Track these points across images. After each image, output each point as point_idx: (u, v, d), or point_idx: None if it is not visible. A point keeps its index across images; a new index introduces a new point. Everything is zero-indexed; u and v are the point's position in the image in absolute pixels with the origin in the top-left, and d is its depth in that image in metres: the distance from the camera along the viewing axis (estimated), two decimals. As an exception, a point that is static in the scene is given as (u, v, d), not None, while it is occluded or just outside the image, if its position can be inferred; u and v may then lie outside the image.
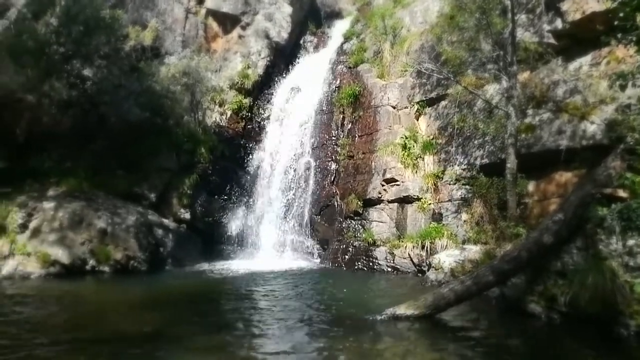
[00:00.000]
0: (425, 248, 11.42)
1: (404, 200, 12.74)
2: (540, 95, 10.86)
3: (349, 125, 15.23)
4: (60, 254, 10.72)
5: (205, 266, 12.99)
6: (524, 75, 11.30)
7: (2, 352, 5.03)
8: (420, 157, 13.18)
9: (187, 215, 14.37)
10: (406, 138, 13.42)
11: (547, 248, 6.74)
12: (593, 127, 9.67)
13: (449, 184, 12.25)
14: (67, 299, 8.33)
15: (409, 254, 11.70)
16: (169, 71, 15.99)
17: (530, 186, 10.79)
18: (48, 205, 11.44)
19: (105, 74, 13.92)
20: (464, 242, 11.08)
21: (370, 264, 12.35)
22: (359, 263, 12.59)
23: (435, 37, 13.54)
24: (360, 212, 13.45)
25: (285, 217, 15.19)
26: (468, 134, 12.32)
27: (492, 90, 11.88)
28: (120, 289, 9.72)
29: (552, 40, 11.08)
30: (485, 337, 6.22)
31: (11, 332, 5.88)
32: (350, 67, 16.80)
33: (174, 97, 15.37)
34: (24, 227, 10.95)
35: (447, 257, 9.99)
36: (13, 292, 8.72)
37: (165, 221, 13.61)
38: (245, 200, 15.91)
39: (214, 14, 18.61)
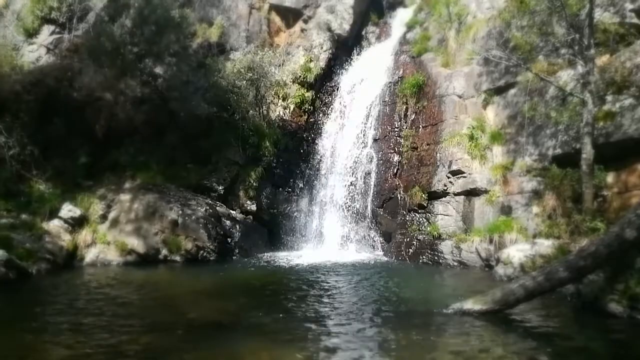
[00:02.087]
0: (494, 242, 11.05)
1: (471, 193, 12.36)
2: (622, 80, 10.11)
3: (413, 116, 14.89)
4: (136, 244, 11.39)
5: (270, 256, 13.34)
6: (602, 59, 10.59)
7: (85, 330, 5.46)
8: (488, 148, 12.71)
9: (253, 207, 14.74)
10: (473, 128, 12.97)
11: (629, 243, 6.27)
12: (682, 113, 8.92)
13: (519, 176, 11.74)
14: (144, 286, 8.83)
15: (476, 248, 11.37)
16: (234, 67, 16.37)
17: (609, 177, 10.10)
18: (125, 197, 12.15)
19: (175, 71, 14.44)
20: (534, 236, 10.58)
21: (435, 257, 12.12)
22: (424, 257, 12.40)
23: (504, 23, 13.00)
24: (425, 204, 13.19)
25: (348, 210, 15.21)
26: (539, 123, 11.72)
27: (566, 76, 11.23)
28: (192, 278, 10.19)
29: (635, 20, 10.31)
30: (560, 336, 5.92)
31: (95, 314, 6.34)
32: (413, 57, 16.42)
33: (239, 92, 15.73)
34: (104, 217, 11.73)
35: (517, 252, 9.60)
36: (97, 278, 9.39)
37: (233, 212, 14.06)
38: (308, 192, 16.10)
39: (276, 8, 18.91)
